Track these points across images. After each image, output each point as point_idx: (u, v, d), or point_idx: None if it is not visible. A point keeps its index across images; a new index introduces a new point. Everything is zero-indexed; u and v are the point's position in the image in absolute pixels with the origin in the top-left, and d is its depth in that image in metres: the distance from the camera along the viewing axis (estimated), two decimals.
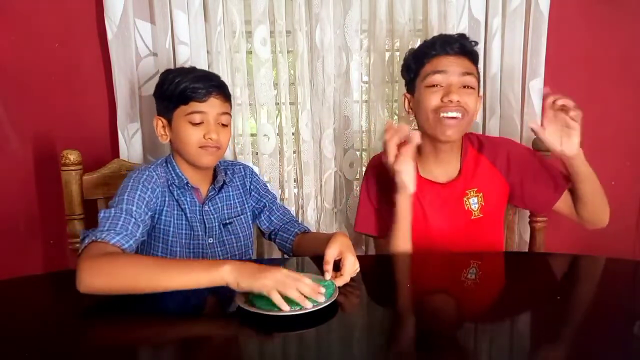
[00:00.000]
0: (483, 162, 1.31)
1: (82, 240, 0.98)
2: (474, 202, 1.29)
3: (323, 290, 0.87)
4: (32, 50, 1.52)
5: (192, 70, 1.20)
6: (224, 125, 1.18)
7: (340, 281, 0.96)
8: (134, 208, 1.05)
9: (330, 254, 0.98)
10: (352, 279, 0.99)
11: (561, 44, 1.57)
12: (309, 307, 0.83)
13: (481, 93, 1.40)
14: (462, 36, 1.24)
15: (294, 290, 0.84)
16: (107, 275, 0.90)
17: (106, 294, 0.89)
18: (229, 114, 1.20)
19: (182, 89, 1.13)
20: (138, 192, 1.08)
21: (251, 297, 0.87)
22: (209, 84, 1.15)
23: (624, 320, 0.84)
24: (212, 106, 1.15)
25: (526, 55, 1.54)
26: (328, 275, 0.96)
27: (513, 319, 0.88)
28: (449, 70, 1.19)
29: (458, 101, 1.18)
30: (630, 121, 1.65)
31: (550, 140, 1.14)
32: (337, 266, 0.99)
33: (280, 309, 0.83)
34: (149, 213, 1.10)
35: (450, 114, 1.18)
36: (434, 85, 1.21)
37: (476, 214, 1.28)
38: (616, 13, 1.58)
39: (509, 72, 1.55)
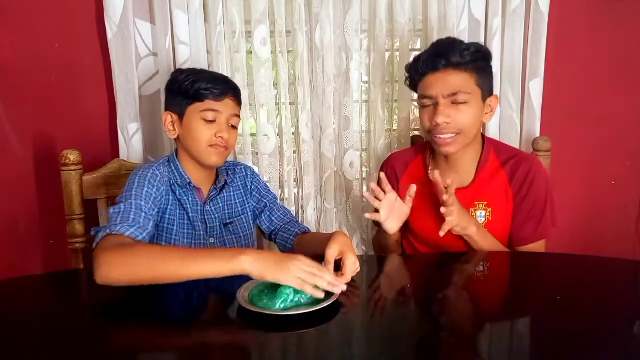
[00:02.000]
0: (501, 177, 1.25)
1: (94, 237, 0.99)
2: (480, 215, 1.25)
3: (342, 284, 0.89)
4: (32, 50, 1.52)
5: (205, 70, 1.23)
6: (233, 127, 1.21)
7: (342, 280, 0.96)
8: (143, 203, 1.07)
9: (331, 254, 0.98)
10: (352, 279, 0.99)
11: (561, 44, 1.57)
12: (320, 296, 0.86)
13: (496, 92, 1.37)
14: (450, 47, 1.18)
15: (321, 280, 0.87)
16: (126, 265, 0.90)
17: (124, 285, 0.90)
18: (239, 116, 1.23)
19: (199, 86, 1.15)
20: (145, 189, 1.10)
21: (252, 296, 0.88)
22: (226, 86, 1.19)
23: (624, 320, 0.84)
24: (226, 107, 1.18)
25: (526, 55, 1.54)
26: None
27: (513, 319, 0.88)
28: (433, 94, 1.18)
29: (445, 122, 1.17)
30: (630, 121, 1.65)
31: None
32: (338, 266, 0.99)
33: (281, 309, 0.83)
34: (156, 209, 1.12)
35: (440, 136, 1.19)
36: (425, 106, 1.22)
37: None
38: (616, 13, 1.58)
39: (509, 72, 1.55)
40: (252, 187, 1.34)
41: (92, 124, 1.58)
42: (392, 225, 1.23)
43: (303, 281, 0.86)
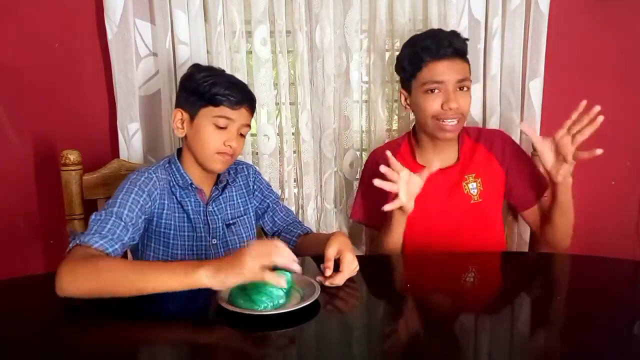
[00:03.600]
0: (480, 150, 1.34)
1: (70, 242, 0.97)
2: (473, 187, 1.31)
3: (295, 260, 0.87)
4: (32, 50, 1.52)
5: (224, 73, 1.20)
6: (242, 136, 1.19)
7: (339, 279, 0.96)
8: (125, 211, 1.04)
9: (330, 253, 0.99)
10: (352, 279, 0.99)
11: (561, 44, 1.57)
12: (283, 285, 0.85)
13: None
14: (453, 35, 1.26)
15: (280, 258, 0.85)
16: (84, 279, 0.88)
17: (85, 298, 0.88)
18: (250, 126, 1.21)
19: (216, 91, 1.12)
20: (132, 195, 1.08)
21: (232, 296, 0.88)
22: (244, 95, 1.16)
23: (624, 320, 0.84)
24: (240, 115, 1.16)
25: (526, 55, 1.54)
26: (328, 272, 0.96)
27: (513, 319, 0.88)
28: (445, 80, 1.23)
29: (456, 108, 1.23)
30: (630, 121, 1.65)
31: (545, 154, 1.17)
32: (337, 265, 0.99)
33: (261, 308, 0.84)
34: (143, 217, 1.09)
35: (449, 122, 1.24)
36: (431, 91, 1.24)
37: (475, 199, 1.31)
38: (616, 13, 1.58)
39: (509, 72, 1.55)
40: (255, 186, 1.33)
41: (92, 124, 1.58)
42: (411, 203, 1.17)
43: (263, 268, 0.83)
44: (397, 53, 1.57)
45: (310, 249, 1.19)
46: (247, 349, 0.80)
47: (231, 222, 1.25)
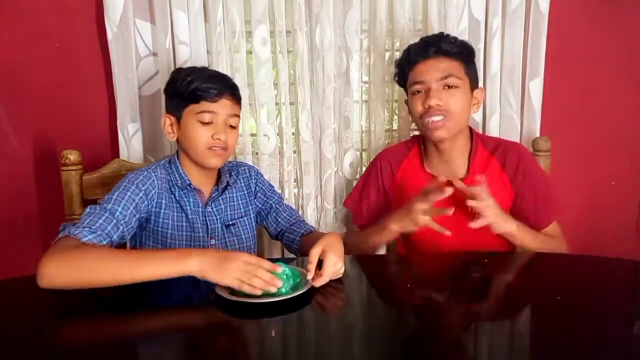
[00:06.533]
0: (493, 165, 1.30)
1: (59, 232, 0.97)
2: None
3: (279, 283, 0.88)
4: (32, 50, 1.52)
5: (204, 69, 1.20)
6: (232, 127, 1.19)
7: (318, 281, 0.95)
8: (119, 209, 1.05)
9: (313, 254, 0.98)
10: (340, 280, 0.99)
11: (561, 44, 1.57)
12: (273, 290, 0.87)
13: (481, 85, 1.42)
14: (439, 37, 1.25)
15: (257, 280, 0.86)
16: (70, 270, 0.88)
17: (69, 289, 0.88)
18: (238, 116, 1.20)
19: (194, 87, 1.13)
20: (128, 193, 1.08)
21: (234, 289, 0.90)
22: (222, 85, 1.16)
23: (624, 320, 0.84)
24: (222, 107, 1.15)
25: (526, 55, 1.55)
26: (309, 275, 0.96)
27: (513, 319, 0.88)
28: (425, 79, 1.22)
29: (438, 105, 1.20)
30: (630, 121, 1.65)
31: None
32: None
33: (257, 297, 0.86)
34: (137, 215, 1.09)
35: (432, 119, 1.22)
36: (417, 92, 1.25)
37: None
38: (616, 13, 1.58)
39: (509, 72, 1.55)
40: (257, 188, 1.33)
41: (92, 124, 1.58)
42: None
43: (241, 281, 0.86)
44: (397, 53, 1.57)
45: (309, 248, 1.19)
46: (243, 335, 0.82)
47: (230, 223, 1.25)
